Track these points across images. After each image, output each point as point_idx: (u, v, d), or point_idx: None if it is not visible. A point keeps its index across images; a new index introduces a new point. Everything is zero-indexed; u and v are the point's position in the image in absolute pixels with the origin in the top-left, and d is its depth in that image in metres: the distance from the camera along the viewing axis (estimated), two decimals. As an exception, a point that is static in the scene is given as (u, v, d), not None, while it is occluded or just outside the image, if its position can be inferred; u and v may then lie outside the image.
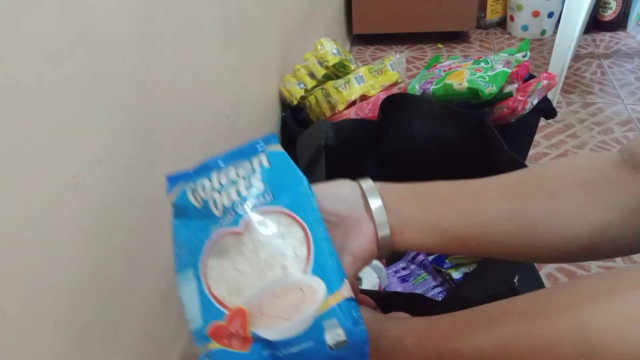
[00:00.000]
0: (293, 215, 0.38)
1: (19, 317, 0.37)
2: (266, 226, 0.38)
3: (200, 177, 0.40)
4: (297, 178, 0.41)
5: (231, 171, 0.41)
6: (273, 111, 1.08)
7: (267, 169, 0.41)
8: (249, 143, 0.42)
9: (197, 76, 0.69)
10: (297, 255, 0.37)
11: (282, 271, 0.36)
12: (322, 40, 1.09)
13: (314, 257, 0.37)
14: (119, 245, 0.50)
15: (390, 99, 0.88)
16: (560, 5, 1.90)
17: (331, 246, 0.38)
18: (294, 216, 0.38)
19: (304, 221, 0.38)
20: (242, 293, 0.36)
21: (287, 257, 0.37)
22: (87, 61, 0.44)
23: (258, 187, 0.40)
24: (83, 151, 0.44)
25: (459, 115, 0.85)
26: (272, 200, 0.39)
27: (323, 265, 0.37)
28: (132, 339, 0.54)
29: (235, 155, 0.41)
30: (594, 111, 1.56)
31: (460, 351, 0.37)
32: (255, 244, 0.37)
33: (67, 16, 0.41)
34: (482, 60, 0.96)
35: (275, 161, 0.42)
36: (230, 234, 0.38)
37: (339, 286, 0.36)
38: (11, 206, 0.36)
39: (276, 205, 0.39)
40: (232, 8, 0.81)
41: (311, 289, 0.36)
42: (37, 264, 0.39)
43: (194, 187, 0.40)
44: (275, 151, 0.42)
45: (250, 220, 0.38)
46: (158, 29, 0.57)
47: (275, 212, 0.39)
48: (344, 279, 0.36)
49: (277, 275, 0.36)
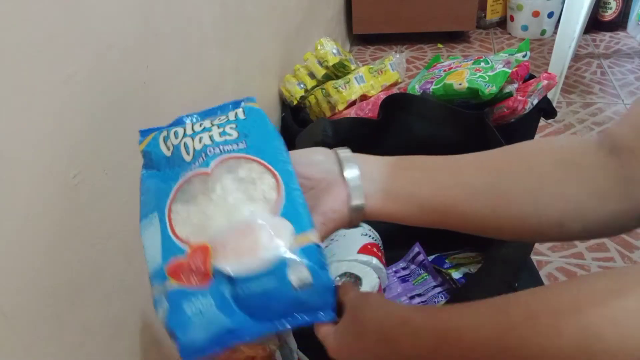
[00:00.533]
0: (265, 163, 0.37)
1: (19, 317, 0.37)
2: (236, 171, 0.37)
3: (173, 127, 0.40)
4: (272, 132, 0.40)
5: (206, 121, 0.40)
6: (273, 111, 1.08)
7: (242, 120, 0.40)
8: (228, 102, 0.41)
9: (197, 76, 0.69)
10: (266, 199, 0.36)
11: (249, 213, 0.35)
12: (322, 40, 1.09)
13: (285, 201, 0.36)
14: (119, 245, 0.50)
15: (390, 99, 0.88)
16: (560, 5, 1.90)
17: (302, 197, 0.37)
18: (266, 165, 0.37)
19: (276, 170, 0.37)
20: (206, 232, 0.35)
21: (256, 201, 0.36)
22: (87, 61, 0.44)
23: (232, 134, 0.39)
24: (83, 151, 0.44)
25: (459, 115, 0.85)
26: (245, 148, 0.38)
27: (293, 210, 0.35)
28: (132, 339, 0.54)
29: (212, 111, 0.41)
30: (594, 111, 1.56)
31: (462, 330, 0.37)
32: (224, 189, 0.36)
33: (68, 16, 0.41)
34: (482, 60, 0.96)
35: (251, 114, 0.41)
36: (198, 175, 0.36)
37: (308, 229, 0.35)
38: (11, 206, 0.36)
39: (249, 153, 0.38)
40: (232, 8, 0.81)
41: (279, 227, 0.35)
42: (37, 263, 0.39)
43: (165, 135, 0.39)
44: (252, 106, 0.42)
45: (220, 163, 0.36)
46: (158, 29, 0.57)
47: (247, 158, 0.37)
48: (313, 226, 0.35)
49: (244, 216, 0.35)
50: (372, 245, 0.76)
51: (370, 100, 1.03)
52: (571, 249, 1.02)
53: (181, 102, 0.64)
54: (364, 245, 0.75)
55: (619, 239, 1.04)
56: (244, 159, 0.37)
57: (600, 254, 1.00)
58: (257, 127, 0.40)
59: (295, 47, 1.21)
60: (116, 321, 0.50)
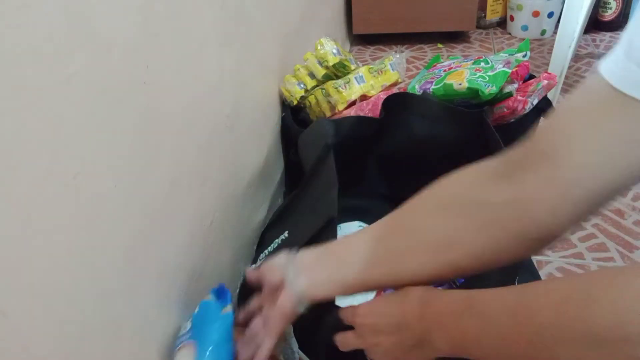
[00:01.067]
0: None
1: (19, 317, 0.37)
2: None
3: None
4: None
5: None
6: (273, 111, 1.08)
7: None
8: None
9: (197, 76, 0.69)
10: None
11: None
12: (322, 40, 1.09)
13: None
14: (119, 245, 0.50)
15: (392, 97, 0.88)
16: (560, 5, 1.90)
17: None
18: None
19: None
20: None
21: None
22: (87, 61, 0.44)
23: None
24: (83, 151, 0.44)
25: (458, 114, 0.85)
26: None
27: None
28: (132, 339, 0.54)
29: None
30: (594, 111, 1.56)
31: (495, 297, 0.40)
32: None
33: (67, 16, 0.41)
34: (482, 60, 0.96)
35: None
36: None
37: None
38: (11, 206, 0.36)
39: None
40: (232, 8, 0.81)
41: None
42: (37, 263, 0.39)
43: None
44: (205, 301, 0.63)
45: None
46: (158, 29, 0.57)
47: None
48: None
49: None
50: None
51: (370, 100, 1.03)
52: (571, 249, 1.02)
53: (181, 102, 0.64)
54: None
55: (619, 239, 1.04)
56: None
57: (601, 254, 1.00)
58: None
59: (295, 47, 1.21)
60: (116, 322, 0.50)
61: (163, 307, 0.61)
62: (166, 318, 0.61)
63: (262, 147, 0.99)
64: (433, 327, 0.44)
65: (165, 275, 0.61)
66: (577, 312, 0.32)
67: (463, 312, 0.41)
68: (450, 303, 0.43)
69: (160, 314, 0.60)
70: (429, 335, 0.44)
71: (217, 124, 0.76)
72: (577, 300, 0.32)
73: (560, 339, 0.32)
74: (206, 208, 0.73)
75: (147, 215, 0.56)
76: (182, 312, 0.65)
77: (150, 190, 0.57)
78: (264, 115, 1.02)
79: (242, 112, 0.87)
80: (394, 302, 0.48)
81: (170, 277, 0.62)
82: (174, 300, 0.63)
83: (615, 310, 0.30)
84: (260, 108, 1.00)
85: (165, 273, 0.61)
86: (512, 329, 0.36)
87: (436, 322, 0.43)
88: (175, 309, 0.63)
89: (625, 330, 0.29)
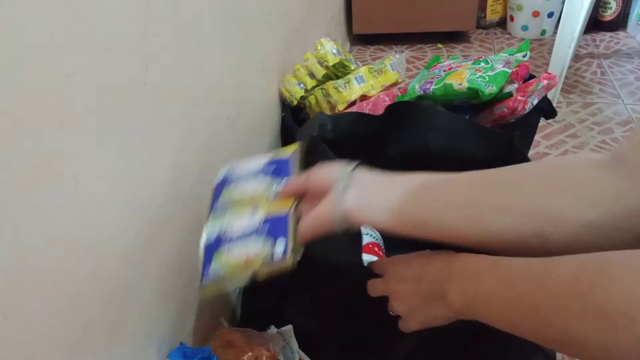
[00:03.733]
0: None
1: (19, 317, 0.37)
2: None
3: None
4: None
5: None
6: (273, 111, 1.08)
7: None
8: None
9: (197, 76, 0.69)
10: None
11: None
12: (322, 40, 1.09)
13: None
14: (119, 245, 0.50)
15: (396, 107, 0.85)
16: (560, 5, 1.90)
17: None
18: None
19: None
20: None
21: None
22: (87, 61, 0.44)
23: None
24: (83, 151, 0.44)
25: (487, 134, 0.82)
26: None
27: None
28: (132, 339, 0.54)
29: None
30: (594, 111, 1.56)
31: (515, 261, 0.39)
32: None
33: (67, 16, 0.41)
34: (482, 60, 0.96)
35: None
36: None
37: None
38: (11, 206, 0.36)
39: None
40: (232, 8, 0.81)
41: None
42: (36, 263, 0.39)
43: None
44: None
45: None
46: (158, 29, 0.57)
47: None
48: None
49: None
50: (373, 244, 0.76)
51: (370, 100, 1.03)
52: (571, 249, 1.01)
53: (181, 102, 0.64)
54: (365, 245, 0.75)
55: (619, 239, 1.03)
56: None
57: (601, 254, 1.00)
58: None
59: (295, 47, 1.21)
60: (116, 321, 0.50)
61: (163, 307, 0.61)
62: (166, 318, 0.61)
63: (262, 147, 0.99)
64: (451, 280, 0.44)
65: (165, 276, 0.61)
66: (588, 282, 0.32)
67: (484, 271, 0.41)
68: (474, 262, 0.43)
69: (160, 314, 0.60)
70: (445, 287, 0.44)
71: (217, 124, 0.76)
72: (590, 271, 0.32)
73: (565, 308, 0.32)
74: (206, 208, 0.73)
75: (147, 215, 0.56)
76: (182, 312, 0.65)
77: (150, 190, 0.57)
78: (264, 115, 1.02)
79: (242, 112, 0.87)
80: (424, 256, 0.49)
81: (170, 277, 0.62)
82: (174, 300, 0.63)
83: (624, 288, 0.30)
84: (260, 108, 1.00)
85: (166, 273, 0.61)
86: (523, 292, 0.36)
87: (455, 276, 0.44)
88: (175, 309, 0.63)
89: (630, 308, 0.29)
